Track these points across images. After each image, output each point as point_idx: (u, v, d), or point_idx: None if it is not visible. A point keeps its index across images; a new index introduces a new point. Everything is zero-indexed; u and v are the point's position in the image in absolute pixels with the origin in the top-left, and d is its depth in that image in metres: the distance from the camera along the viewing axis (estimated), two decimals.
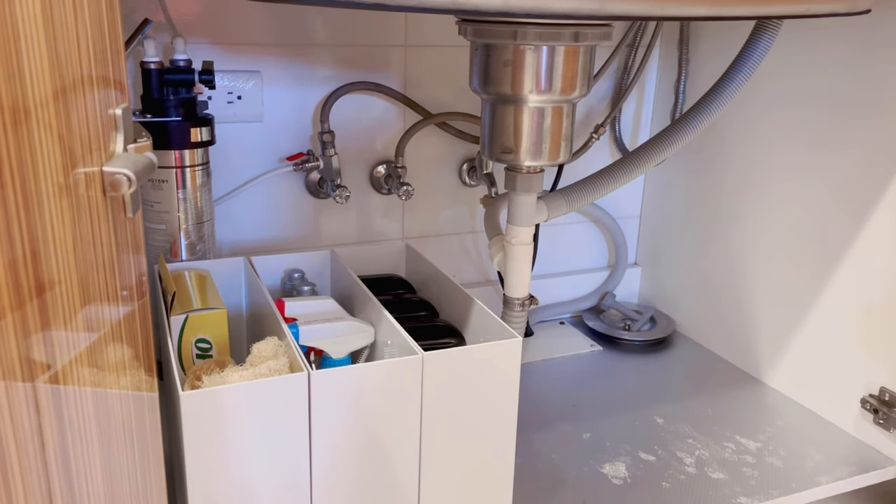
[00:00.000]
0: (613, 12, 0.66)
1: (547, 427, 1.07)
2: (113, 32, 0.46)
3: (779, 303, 1.16)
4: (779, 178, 1.14)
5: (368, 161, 1.20)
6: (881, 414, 1.02)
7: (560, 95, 0.85)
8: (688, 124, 0.96)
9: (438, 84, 1.20)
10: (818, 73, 1.06)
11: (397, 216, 1.25)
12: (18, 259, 0.33)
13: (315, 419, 0.70)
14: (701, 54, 1.27)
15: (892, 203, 0.99)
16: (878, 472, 1.00)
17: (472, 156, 1.26)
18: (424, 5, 0.64)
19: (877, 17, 0.98)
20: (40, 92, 0.35)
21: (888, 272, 1.00)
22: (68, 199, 0.38)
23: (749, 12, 0.75)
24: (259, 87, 1.09)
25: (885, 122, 0.98)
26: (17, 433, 0.33)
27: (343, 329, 0.82)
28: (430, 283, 0.96)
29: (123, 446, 0.48)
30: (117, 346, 0.47)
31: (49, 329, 0.36)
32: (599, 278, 1.44)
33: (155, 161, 0.48)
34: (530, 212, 0.94)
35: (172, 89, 0.94)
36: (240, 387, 0.66)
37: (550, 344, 1.31)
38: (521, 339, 0.77)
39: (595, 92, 1.32)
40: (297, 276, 0.96)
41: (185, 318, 0.80)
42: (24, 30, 0.33)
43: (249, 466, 0.68)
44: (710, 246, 1.29)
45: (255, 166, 1.13)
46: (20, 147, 0.33)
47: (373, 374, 0.71)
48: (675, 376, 1.22)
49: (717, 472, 0.98)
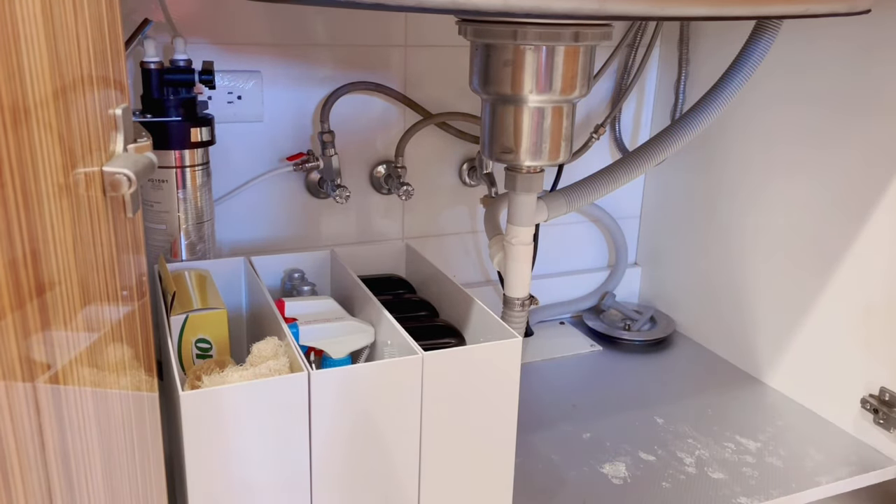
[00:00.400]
0: (613, 12, 0.66)
1: (547, 427, 1.07)
2: (113, 32, 0.46)
3: (779, 302, 1.16)
4: (779, 179, 1.14)
5: (368, 161, 1.20)
6: (881, 414, 1.02)
7: (560, 95, 0.85)
8: (688, 124, 0.96)
9: (438, 84, 1.20)
10: (818, 73, 1.06)
11: (397, 216, 1.25)
12: (18, 259, 0.33)
13: (315, 419, 0.70)
14: (701, 54, 1.27)
15: (892, 203, 0.99)
16: (878, 472, 1.00)
17: (472, 156, 1.26)
18: (424, 5, 0.64)
19: (877, 17, 0.98)
20: (40, 92, 0.35)
21: (888, 272, 1.00)
22: (68, 199, 0.38)
23: (749, 12, 0.75)
24: (259, 87, 1.09)
25: (886, 123, 0.98)
26: (17, 433, 0.33)
27: (343, 329, 0.82)
28: (430, 283, 0.96)
29: (123, 446, 0.48)
30: (117, 346, 0.47)
31: (49, 329, 0.36)
32: (599, 278, 1.44)
33: (155, 161, 0.48)
34: (530, 212, 0.94)
35: (172, 89, 0.94)
36: (240, 387, 0.66)
37: (550, 344, 1.31)
38: (521, 339, 0.76)
39: (595, 92, 1.32)
40: (297, 276, 0.96)
41: (185, 318, 0.80)
42: (24, 30, 0.33)
43: (249, 466, 0.68)
44: (710, 246, 1.29)
45: (255, 166, 1.13)
46: (20, 147, 0.33)
47: (373, 374, 0.71)
48: (675, 376, 1.22)
49: (717, 472, 0.98)
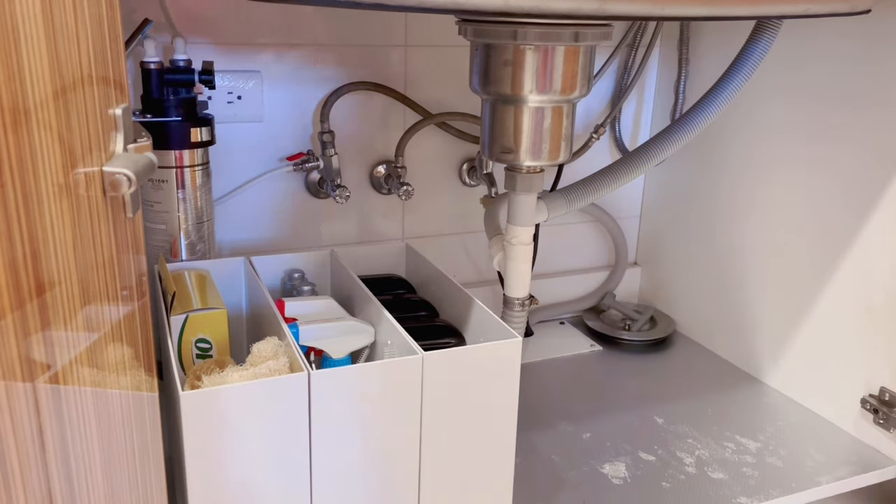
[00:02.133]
0: (613, 12, 0.66)
1: (547, 427, 1.07)
2: (113, 32, 0.46)
3: (779, 302, 1.16)
4: (779, 179, 1.14)
5: (368, 161, 1.20)
6: (881, 414, 1.01)
7: (560, 95, 0.85)
8: (688, 124, 0.96)
9: (438, 84, 1.20)
10: (819, 72, 1.06)
11: (397, 216, 1.25)
12: (18, 259, 0.33)
13: (315, 419, 0.70)
14: (701, 54, 1.27)
15: (892, 203, 0.99)
16: (878, 472, 1.00)
17: (472, 156, 1.26)
18: (424, 5, 0.64)
19: (877, 17, 0.98)
20: (40, 92, 0.35)
21: (888, 272, 1.00)
22: (68, 199, 0.38)
23: (749, 12, 0.75)
24: (259, 87, 1.09)
25: (886, 123, 0.98)
26: (17, 433, 0.33)
27: (343, 329, 0.82)
28: (430, 283, 0.96)
29: (123, 446, 0.48)
30: (117, 346, 0.47)
31: (49, 329, 0.36)
32: (599, 278, 1.44)
33: (155, 161, 0.48)
34: (530, 212, 0.94)
35: (172, 89, 0.94)
36: (240, 387, 0.66)
37: (550, 344, 1.31)
38: (521, 339, 0.76)
39: (595, 92, 1.32)
40: (297, 276, 0.96)
41: (185, 318, 0.80)
42: (24, 30, 0.34)
43: (249, 466, 0.68)
44: (710, 246, 1.29)
45: (255, 166, 1.13)
46: (20, 147, 0.33)
47: (373, 374, 0.71)
48: (675, 376, 1.22)
49: (717, 472, 0.98)
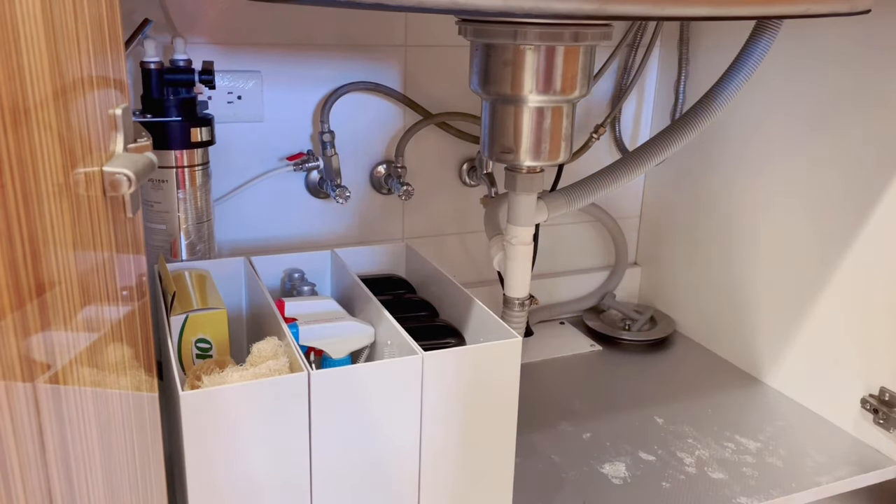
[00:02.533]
0: (613, 12, 0.66)
1: (547, 427, 1.07)
2: (113, 32, 0.46)
3: (779, 302, 1.16)
4: (778, 178, 1.14)
5: (368, 161, 1.20)
6: (881, 414, 1.01)
7: (560, 95, 0.85)
8: (688, 124, 0.96)
9: (438, 84, 1.20)
10: (819, 72, 1.06)
11: (397, 216, 1.25)
12: (18, 259, 0.33)
13: (315, 419, 0.70)
14: (701, 54, 1.27)
15: (893, 203, 0.99)
16: (878, 472, 1.00)
17: (472, 156, 1.26)
18: (424, 5, 0.64)
19: (877, 17, 0.97)
20: (40, 92, 0.35)
21: (889, 272, 1.00)
22: (68, 199, 0.38)
23: (749, 12, 0.75)
24: (259, 87, 1.09)
25: (886, 123, 0.98)
26: (17, 433, 0.33)
27: (343, 329, 0.82)
28: (430, 283, 0.96)
29: (123, 446, 0.48)
30: (117, 346, 0.47)
31: (49, 329, 0.36)
32: (599, 278, 1.44)
33: (155, 161, 0.48)
34: (530, 212, 0.94)
35: (172, 89, 0.94)
36: (240, 387, 0.66)
37: (550, 344, 1.31)
38: (521, 339, 0.76)
39: (595, 92, 1.32)
40: (297, 276, 0.96)
41: (185, 318, 0.80)
42: (24, 30, 0.33)
43: (249, 466, 0.68)
44: (710, 246, 1.29)
45: (256, 166, 1.13)
46: (20, 147, 0.33)
47: (373, 374, 0.71)
48: (675, 376, 1.22)
49: (717, 472, 0.98)
